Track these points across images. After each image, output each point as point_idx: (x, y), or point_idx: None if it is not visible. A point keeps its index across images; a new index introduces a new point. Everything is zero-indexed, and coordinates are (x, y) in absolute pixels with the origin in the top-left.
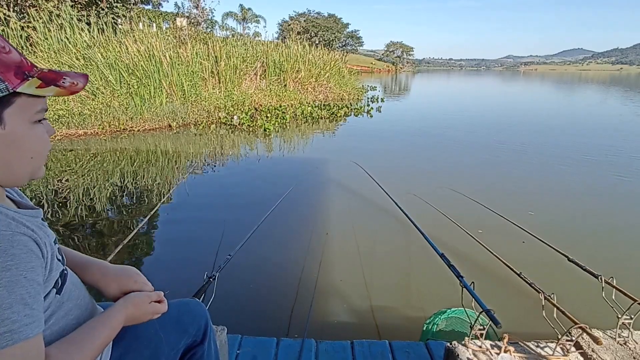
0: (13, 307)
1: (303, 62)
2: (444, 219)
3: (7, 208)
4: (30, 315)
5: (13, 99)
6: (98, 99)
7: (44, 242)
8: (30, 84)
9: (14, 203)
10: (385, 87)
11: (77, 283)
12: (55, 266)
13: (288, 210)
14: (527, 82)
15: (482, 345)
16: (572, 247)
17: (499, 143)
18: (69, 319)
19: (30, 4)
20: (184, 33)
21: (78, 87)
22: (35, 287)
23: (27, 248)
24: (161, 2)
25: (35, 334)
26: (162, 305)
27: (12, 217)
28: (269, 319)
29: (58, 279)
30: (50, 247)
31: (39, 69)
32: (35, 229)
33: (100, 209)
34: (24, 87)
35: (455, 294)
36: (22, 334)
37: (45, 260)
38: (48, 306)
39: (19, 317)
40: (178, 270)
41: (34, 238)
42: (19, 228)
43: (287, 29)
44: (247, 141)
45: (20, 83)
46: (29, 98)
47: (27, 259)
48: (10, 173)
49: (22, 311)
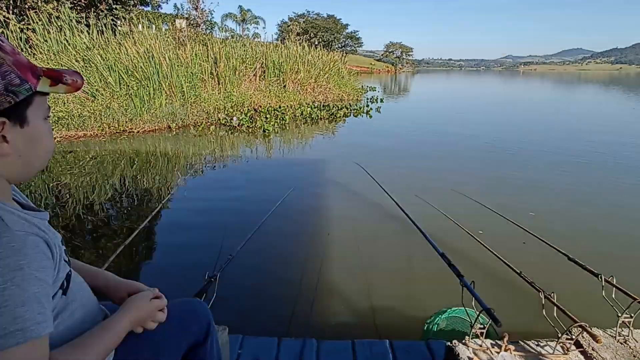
0: (26, 306)
1: (302, 63)
2: (445, 219)
3: (19, 210)
4: (42, 313)
5: (33, 98)
6: (97, 100)
7: (54, 243)
8: (43, 82)
9: (19, 205)
10: (384, 88)
11: (81, 283)
12: (62, 267)
13: (289, 211)
14: (526, 82)
15: (483, 344)
16: (572, 246)
17: (500, 143)
18: (74, 319)
19: (29, 6)
20: (184, 34)
21: (79, 83)
22: (46, 287)
23: (38, 248)
24: (160, 4)
25: (45, 334)
26: (162, 300)
27: (25, 218)
28: (271, 319)
29: (64, 281)
30: (59, 248)
31: (40, 68)
32: (45, 230)
33: (100, 210)
34: (41, 86)
35: (456, 294)
36: (34, 332)
37: (54, 261)
38: (54, 306)
39: (31, 316)
40: (179, 270)
41: (45, 239)
42: (32, 229)
43: (287, 30)
44: (246, 142)
45: (37, 82)
46: (42, 96)
47: (39, 258)
48: (28, 168)
49: (35, 310)
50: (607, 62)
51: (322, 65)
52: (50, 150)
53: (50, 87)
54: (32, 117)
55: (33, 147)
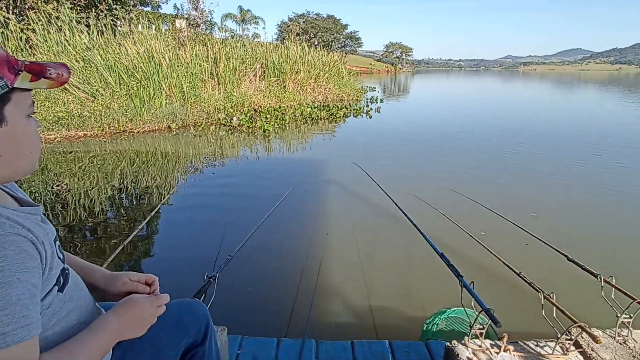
0: (7, 310)
1: (302, 63)
2: (444, 220)
3: (3, 207)
4: (27, 316)
5: (10, 95)
6: (98, 100)
7: (40, 242)
8: (22, 78)
9: (15, 200)
10: (384, 88)
11: (79, 283)
12: (56, 264)
13: (288, 211)
14: (526, 82)
15: (482, 345)
16: (571, 246)
17: (500, 144)
18: (70, 320)
19: (29, 6)
20: (183, 35)
21: (64, 77)
22: (30, 289)
23: (20, 249)
24: (160, 4)
25: (31, 337)
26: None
27: (7, 216)
28: (270, 319)
29: (60, 277)
30: (50, 245)
31: (22, 62)
32: (32, 227)
33: (100, 210)
34: (19, 82)
35: (455, 294)
36: (16, 337)
37: (43, 259)
38: (49, 304)
39: (12, 320)
40: (178, 270)
41: (29, 238)
42: (13, 228)
43: (286, 30)
44: (246, 142)
45: (15, 78)
46: (22, 92)
47: (21, 260)
48: (11, 169)
49: (16, 314)
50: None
51: (322, 66)
52: (36, 150)
53: (31, 83)
54: (11, 116)
55: (15, 147)
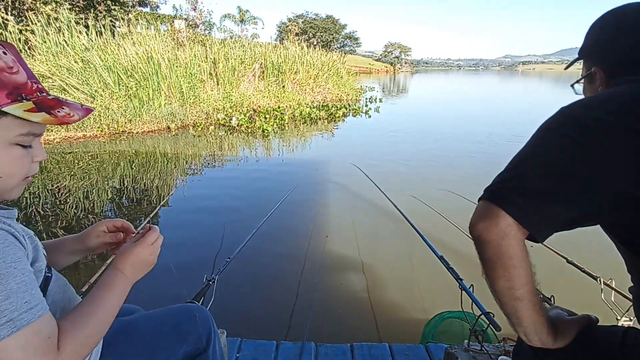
0: (10, 298)
1: (301, 63)
2: (444, 221)
3: None
4: (29, 301)
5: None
6: (97, 101)
7: (22, 235)
8: (19, 106)
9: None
10: (383, 88)
11: (63, 286)
12: (41, 258)
13: (287, 213)
14: (526, 82)
15: (482, 348)
16: (570, 248)
17: (500, 144)
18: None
19: (28, 7)
20: (182, 35)
21: (72, 119)
22: (28, 275)
23: (8, 241)
24: (159, 5)
25: (39, 317)
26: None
27: None
28: (269, 322)
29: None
30: (30, 239)
31: (42, 95)
32: (12, 224)
33: (99, 211)
34: (10, 108)
35: (456, 297)
36: (24, 320)
37: (26, 251)
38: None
39: (17, 306)
40: (177, 273)
41: (11, 232)
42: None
43: (285, 31)
44: (245, 142)
45: (9, 103)
46: (16, 119)
47: (12, 250)
48: None
49: (20, 299)
50: None
51: (321, 66)
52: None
53: (26, 112)
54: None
55: None
